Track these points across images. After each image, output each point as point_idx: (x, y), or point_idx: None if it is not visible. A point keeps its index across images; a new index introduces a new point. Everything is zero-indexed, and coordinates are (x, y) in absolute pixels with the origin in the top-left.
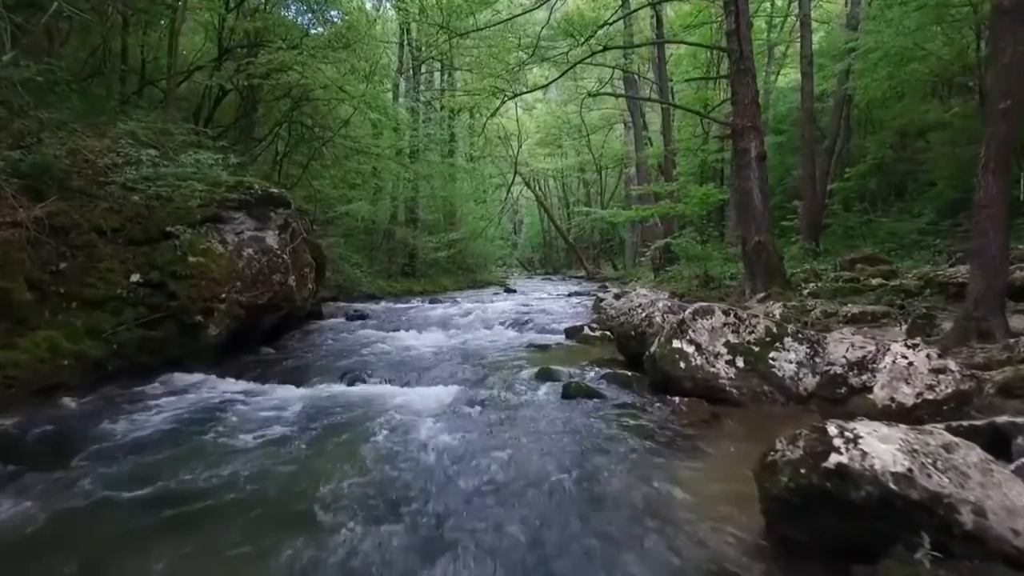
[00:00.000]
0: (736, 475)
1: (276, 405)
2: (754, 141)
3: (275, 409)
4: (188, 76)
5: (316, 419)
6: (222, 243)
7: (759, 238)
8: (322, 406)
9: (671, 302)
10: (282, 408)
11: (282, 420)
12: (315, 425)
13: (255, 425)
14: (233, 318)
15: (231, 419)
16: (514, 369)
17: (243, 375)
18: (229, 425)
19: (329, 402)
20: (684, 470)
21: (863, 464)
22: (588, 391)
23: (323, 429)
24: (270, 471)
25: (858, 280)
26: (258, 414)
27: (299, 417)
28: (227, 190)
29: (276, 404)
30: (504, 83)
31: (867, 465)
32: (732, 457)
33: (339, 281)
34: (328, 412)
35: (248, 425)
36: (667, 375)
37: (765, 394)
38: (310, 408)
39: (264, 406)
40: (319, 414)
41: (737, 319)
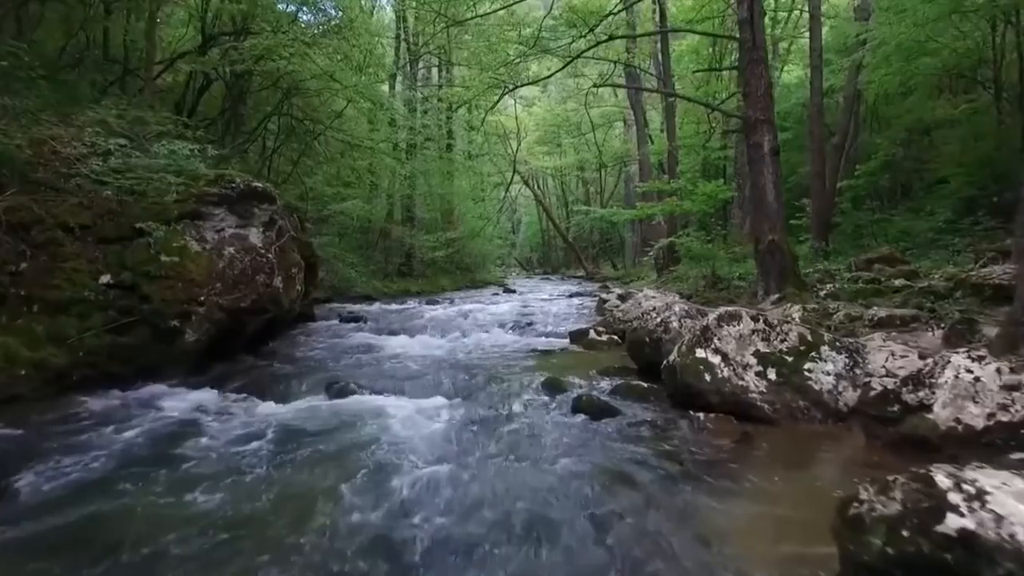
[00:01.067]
0: (784, 516)
1: (250, 423)
2: (767, 135)
3: (248, 429)
4: (170, 64)
5: (292, 442)
6: (201, 241)
7: (773, 237)
8: (302, 424)
9: (688, 306)
10: (257, 427)
11: (253, 444)
12: (289, 450)
13: (221, 450)
14: (213, 322)
15: (195, 441)
16: (516, 378)
17: (222, 385)
18: (191, 449)
19: (310, 419)
20: (721, 511)
21: (1000, 532)
22: (601, 406)
23: (297, 456)
24: (221, 517)
25: (879, 281)
26: (228, 435)
27: (273, 439)
28: (206, 184)
29: (251, 422)
30: (504, 75)
31: (1006, 534)
32: (775, 490)
33: (333, 282)
34: (307, 432)
35: (213, 450)
36: (689, 388)
37: (800, 410)
38: (288, 426)
39: (236, 425)
40: (297, 435)
41: (767, 325)
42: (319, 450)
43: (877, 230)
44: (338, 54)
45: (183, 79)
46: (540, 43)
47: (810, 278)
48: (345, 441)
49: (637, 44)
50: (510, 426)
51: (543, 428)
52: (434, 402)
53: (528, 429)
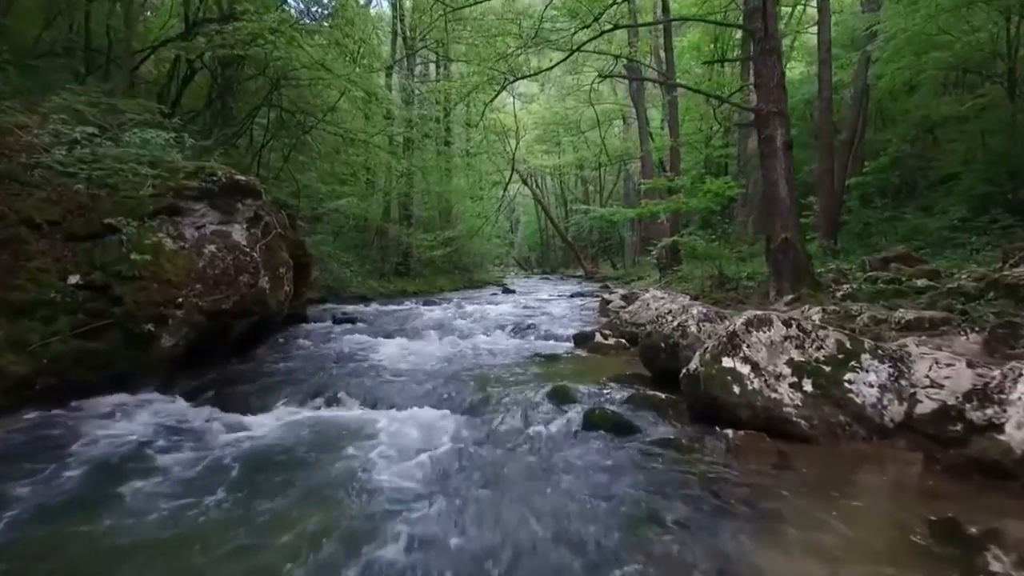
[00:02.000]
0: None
1: (220, 443)
2: (780, 128)
3: (215, 450)
4: (152, 51)
5: (262, 470)
6: (179, 239)
7: (786, 234)
8: (278, 443)
9: (706, 308)
10: (227, 448)
11: (226, 464)
12: (265, 473)
13: (189, 473)
14: (192, 326)
15: (161, 461)
16: (520, 386)
17: (200, 395)
18: (156, 471)
19: (292, 435)
20: (770, 559)
21: None
22: (616, 421)
23: (272, 482)
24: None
25: (899, 281)
26: (200, 453)
27: (249, 460)
28: (185, 177)
29: (221, 441)
30: (504, 66)
31: None
32: (828, 529)
33: (328, 282)
34: (287, 451)
35: (181, 473)
36: (716, 401)
37: (841, 426)
38: (263, 446)
39: (204, 444)
40: (275, 455)
41: (801, 331)
42: (292, 480)
43: (887, 229)
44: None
45: (167, 68)
46: (541, 34)
47: (823, 278)
48: (324, 467)
49: (639, 39)
50: (515, 446)
51: (553, 448)
52: (430, 416)
53: (535, 449)
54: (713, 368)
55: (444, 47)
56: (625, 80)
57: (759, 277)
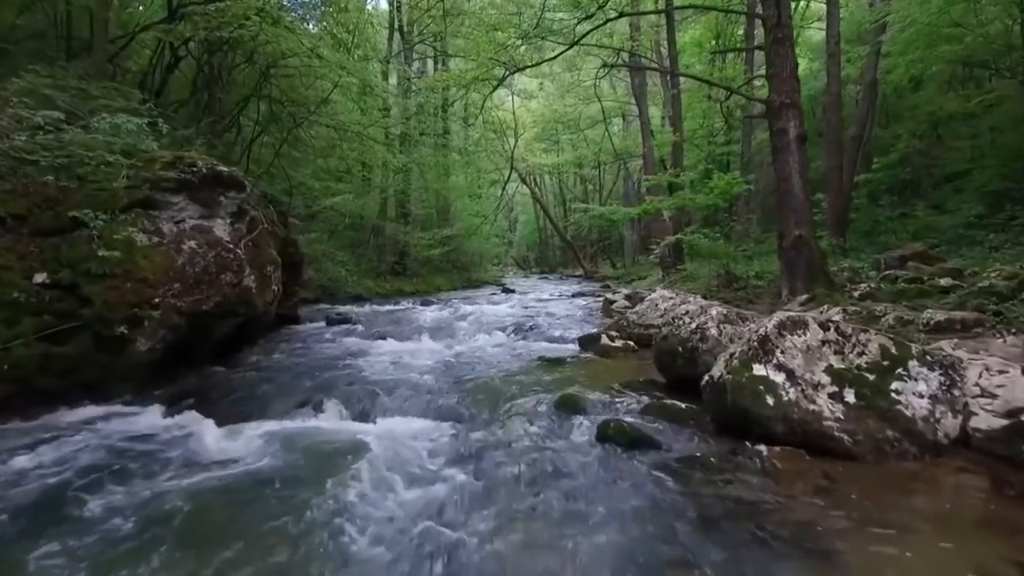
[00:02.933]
0: None
1: (191, 461)
2: (793, 120)
3: (184, 470)
4: (133, 37)
5: (240, 494)
6: (155, 234)
7: (800, 232)
8: (259, 462)
9: (727, 309)
10: (198, 467)
11: (196, 486)
12: (233, 508)
13: (139, 498)
14: (170, 328)
15: (110, 488)
16: (524, 394)
17: (177, 404)
18: (111, 497)
19: (272, 453)
20: None
21: None
22: (633, 435)
23: (238, 521)
24: None
25: (920, 280)
26: (167, 473)
27: (214, 487)
28: (162, 167)
29: (192, 459)
30: (505, 56)
31: None
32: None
33: (322, 281)
34: (263, 476)
35: (128, 502)
36: (745, 414)
37: (889, 442)
38: (243, 467)
39: (172, 462)
40: (249, 482)
41: (840, 335)
42: (275, 495)
43: (897, 226)
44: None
45: (149, 55)
46: (542, 24)
47: (838, 277)
48: (301, 496)
49: (640, 33)
50: (520, 466)
51: (562, 468)
52: (425, 429)
53: (543, 471)
54: (742, 376)
55: (442, 41)
56: (626, 78)
57: (768, 276)
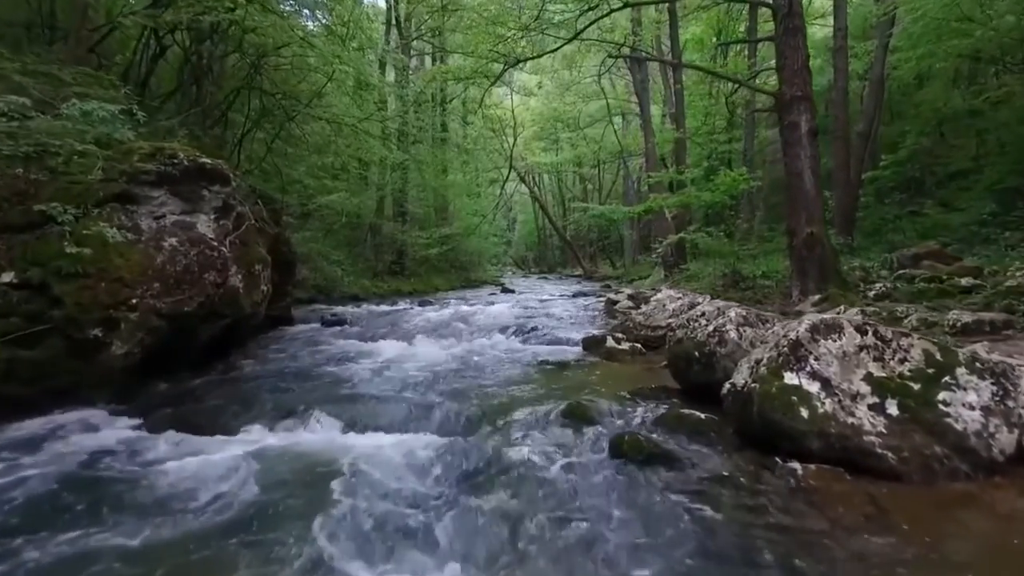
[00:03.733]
0: None
1: (161, 480)
2: (805, 114)
3: (153, 490)
4: (116, 25)
5: (206, 528)
6: (133, 230)
7: (811, 229)
8: (235, 483)
9: (745, 310)
10: (168, 486)
11: (151, 526)
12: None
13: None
14: (149, 331)
15: (71, 512)
16: (528, 402)
17: (154, 413)
18: (61, 523)
19: (248, 474)
20: None
21: None
22: (650, 450)
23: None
24: None
25: (940, 280)
26: (131, 495)
27: (183, 524)
28: (140, 159)
29: (170, 478)
30: (505, 48)
31: None
32: None
33: (318, 281)
34: (238, 495)
35: (77, 550)
36: (776, 427)
37: (938, 459)
38: (214, 489)
39: (140, 480)
40: (219, 508)
41: (879, 339)
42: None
43: (906, 225)
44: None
45: (134, 45)
46: (543, 16)
47: (850, 277)
48: (280, 528)
49: (642, 28)
50: (527, 486)
51: (574, 488)
52: (420, 443)
53: (553, 491)
54: (772, 385)
55: (440, 37)
56: (626, 76)
57: (776, 276)
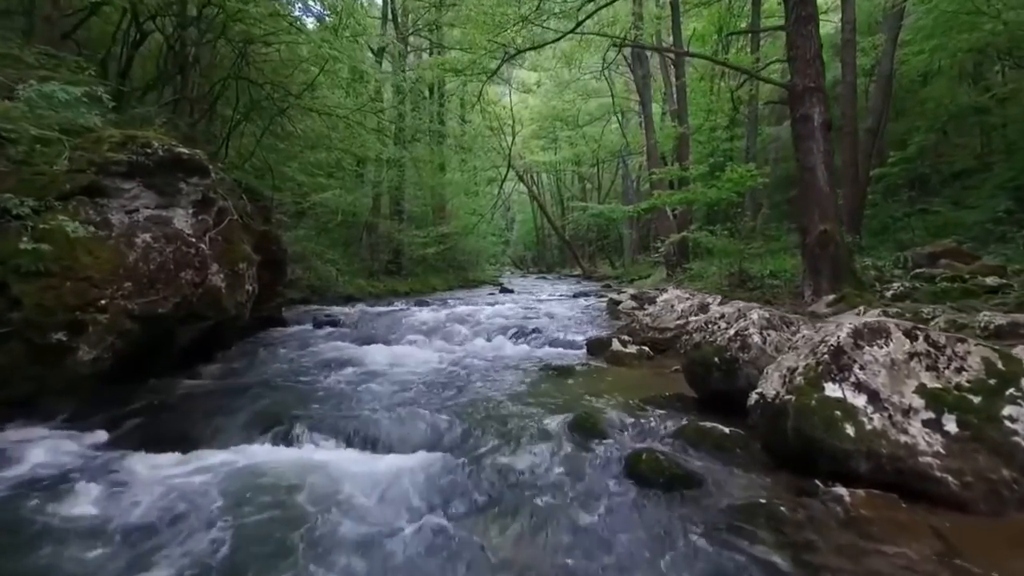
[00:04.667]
0: None
1: (117, 507)
2: (818, 106)
3: (104, 521)
4: (93, 11)
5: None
6: (103, 225)
7: (825, 226)
8: (202, 510)
9: (769, 312)
10: (125, 515)
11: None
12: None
13: None
14: (120, 334)
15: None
16: (531, 413)
17: (123, 425)
18: None
19: (221, 495)
20: None
21: None
22: (671, 471)
23: None
24: None
25: (962, 279)
26: (72, 528)
27: (137, 548)
28: (111, 148)
29: (121, 504)
30: (505, 38)
31: None
32: None
33: (311, 281)
34: (204, 528)
35: None
36: (816, 445)
37: (1007, 484)
38: (178, 515)
39: (92, 507)
40: (185, 535)
41: (931, 345)
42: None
43: (915, 223)
44: None
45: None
46: (544, 7)
47: (865, 276)
48: (258, 558)
49: (644, 22)
50: (531, 515)
51: (585, 518)
52: (412, 461)
53: (560, 520)
54: (810, 398)
55: (438, 32)
56: (626, 73)
57: (784, 275)
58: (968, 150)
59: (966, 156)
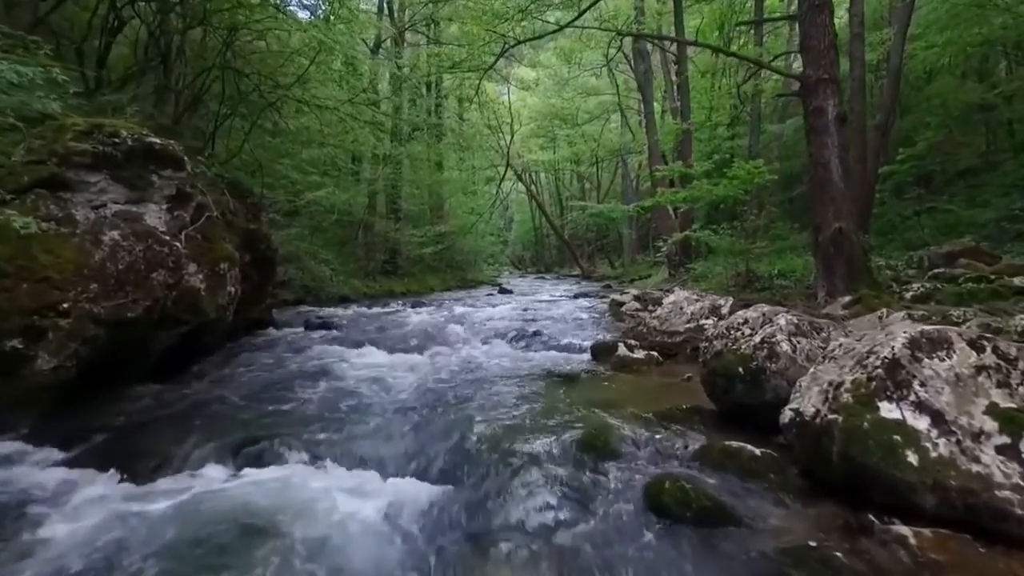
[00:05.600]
0: None
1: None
2: (832, 98)
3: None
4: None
5: None
6: (65, 222)
7: (839, 224)
8: (153, 539)
9: (797, 316)
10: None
11: None
12: None
13: None
14: (85, 341)
15: None
16: (535, 429)
17: (84, 442)
18: None
19: (180, 521)
20: None
21: None
22: (701, 504)
23: None
24: None
25: (988, 279)
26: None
27: None
28: (74, 137)
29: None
30: (506, 28)
31: None
32: None
33: (305, 281)
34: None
35: None
36: (872, 475)
37: None
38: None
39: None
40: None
41: (1000, 358)
42: None
43: (925, 221)
44: None
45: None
46: None
47: (881, 276)
48: None
49: (645, 16)
50: (537, 556)
51: (601, 561)
52: (403, 488)
53: (573, 565)
54: (862, 419)
55: (435, 27)
56: (627, 71)
57: (793, 275)
58: (972, 148)
59: (969, 154)
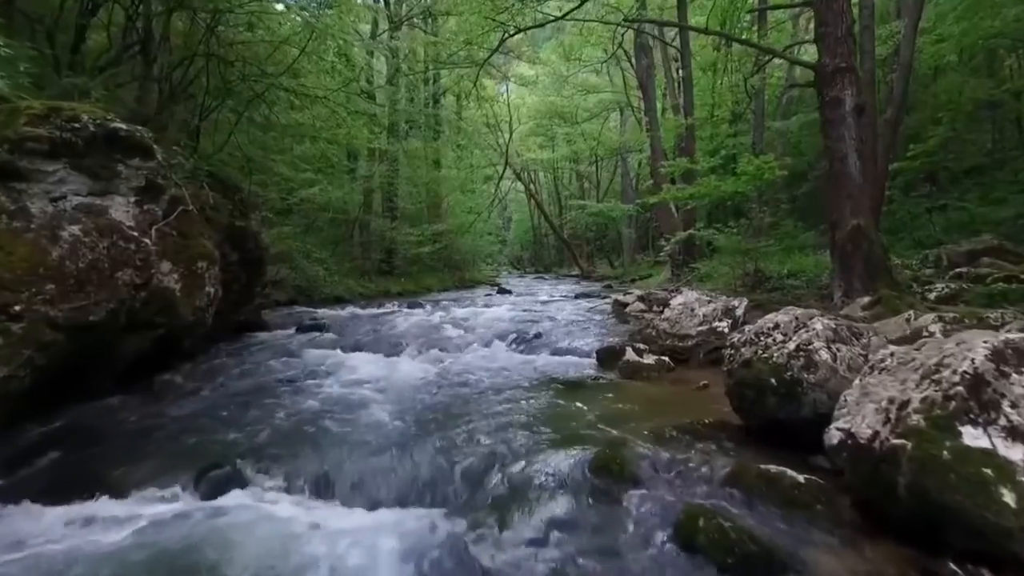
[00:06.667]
0: None
1: None
2: (849, 88)
3: None
4: None
5: None
6: (18, 216)
7: (857, 221)
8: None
9: (835, 321)
10: None
11: None
12: None
13: None
14: (40, 348)
15: None
16: (541, 447)
17: (31, 463)
18: None
19: (130, 557)
20: None
21: None
22: (744, 547)
23: None
24: None
25: (1019, 279)
26: None
27: None
28: (28, 122)
29: None
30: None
31: None
32: None
33: (299, 281)
34: None
35: None
36: (954, 516)
37: None
38: None
39: None
40: None
41: None
42: None
43: (937, 219)
44: None
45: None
46: None
47: (901, 276)
48: None
49: (647, 10)
50: None
51: None
52: (389, 521)
53: None
54: (940, 447)
55: (433, 21)
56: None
57: (805, 275)
58: (978, 145)
59: (975, 151)
